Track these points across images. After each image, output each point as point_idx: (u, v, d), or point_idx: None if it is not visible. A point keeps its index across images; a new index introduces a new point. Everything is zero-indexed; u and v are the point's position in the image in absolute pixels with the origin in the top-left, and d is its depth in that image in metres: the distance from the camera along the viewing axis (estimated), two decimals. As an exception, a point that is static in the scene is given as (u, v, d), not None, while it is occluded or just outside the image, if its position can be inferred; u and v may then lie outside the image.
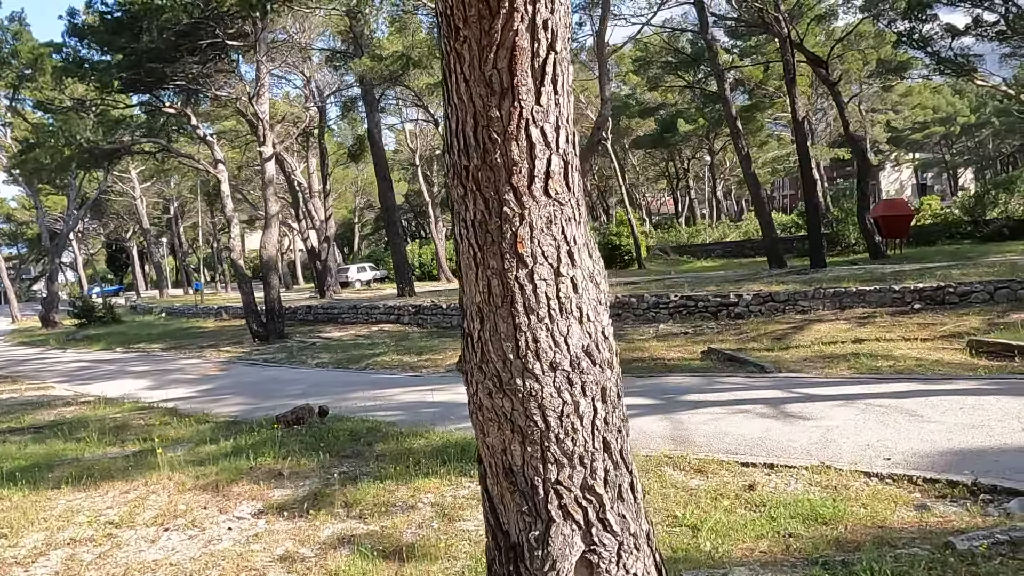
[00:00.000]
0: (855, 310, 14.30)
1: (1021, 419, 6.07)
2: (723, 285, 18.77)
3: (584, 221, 2.67)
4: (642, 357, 11.77)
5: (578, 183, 2.59)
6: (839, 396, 7.55)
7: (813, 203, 21.44)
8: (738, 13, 25.13)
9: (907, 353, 9.73)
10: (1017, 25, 24.18)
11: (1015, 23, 25.40)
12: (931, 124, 67.06)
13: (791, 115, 21.93)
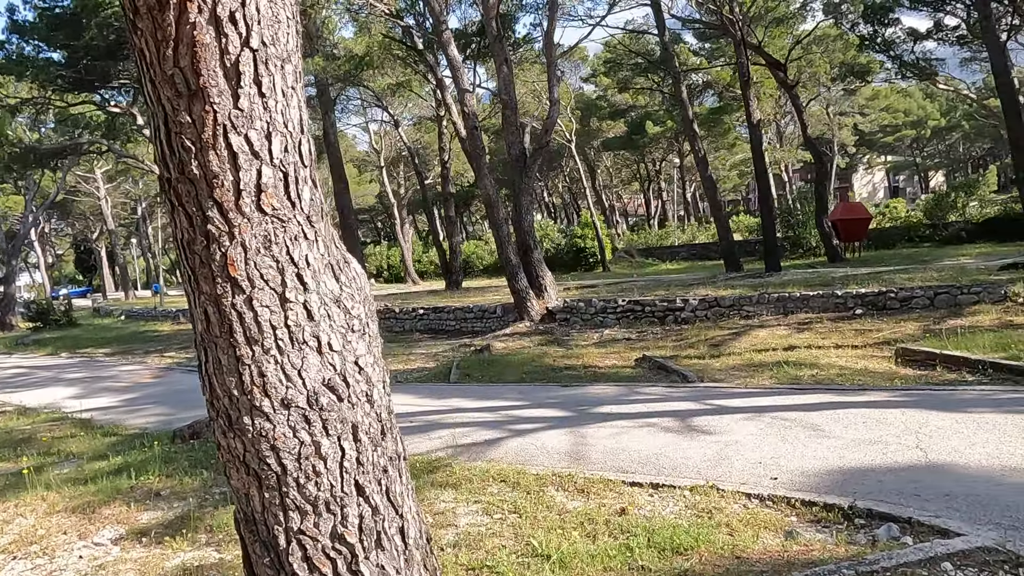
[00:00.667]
0: (798, 315, 14.16)
1: (919, 434, 5.88)
2: (675, 289, 18.62)
3: (325, 240, 2.37)
4: (575, 365, 11.52)
5: (309, 198, 2.29)
6: (750, 408, 7.34)
7: (767, 207, 21.37)
8: (698, 15, 25.03)
9: (834, 361, 9.57)
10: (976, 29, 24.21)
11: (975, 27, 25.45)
12: (903, 127, 67.78)
13: (746, 118, 21.83)
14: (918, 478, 4.97)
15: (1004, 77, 19.82)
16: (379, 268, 47.51)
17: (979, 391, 7.13)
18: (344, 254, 2.50)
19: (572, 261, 35.58)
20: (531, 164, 17.16)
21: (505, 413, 8.28)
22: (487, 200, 16.76)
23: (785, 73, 24.68)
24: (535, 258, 17.45)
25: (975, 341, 9.63)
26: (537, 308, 17.06)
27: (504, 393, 9.59)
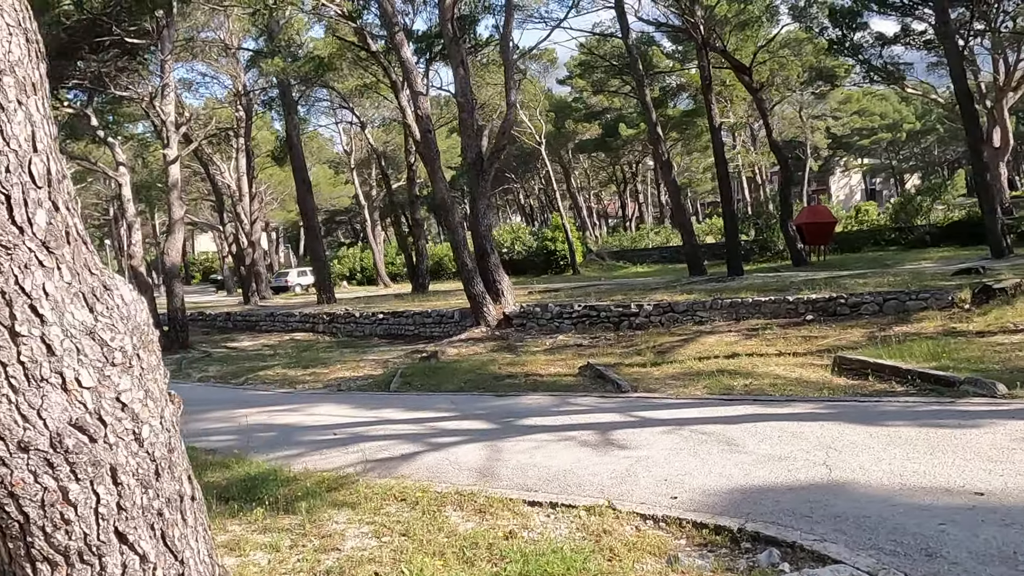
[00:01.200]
0: (750, 321, 14.09)
1: (830, 450, 5.75)
2: (636, 293, 18.50)
3: (72, 267, 2.15)
4: (518, 373, 11.34)
5: (46, 222, 2.09)
6: (673, 421, 7.19)
7: (730, 211, 21.34)
8: (663, 18, 25.01)
9: (772, 370, 9.46)
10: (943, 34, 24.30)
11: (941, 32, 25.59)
12: (879, 130, 68.39)
13: (708, 122, 21.78)
14: (816, 497, 4.83)
15: (962, 83, 19.92)
16: (352, 270, 47.14)
17: (902, 403, 7.03)
18: (106, 280, 2.30)
19: (543, 264, 35.46)
20: (488, 168, 16.98)
21: (431, 425, 8.09)
22: (442, 204, 16.57)
23: (750, 77, 24.67)
24: (492, 263, 17.26)
25: (912, 349, 9.57)
26: (494, 313, 16.89)
27: (437, 403, 9.39)
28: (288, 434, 8.42)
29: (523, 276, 35.35)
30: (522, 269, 36.81)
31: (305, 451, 7.58)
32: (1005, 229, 19.97)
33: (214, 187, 31.01)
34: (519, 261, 36.92)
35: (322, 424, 8.73)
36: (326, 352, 17.41)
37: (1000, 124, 35.59)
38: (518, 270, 36.97)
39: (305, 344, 19.92)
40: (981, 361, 8.54)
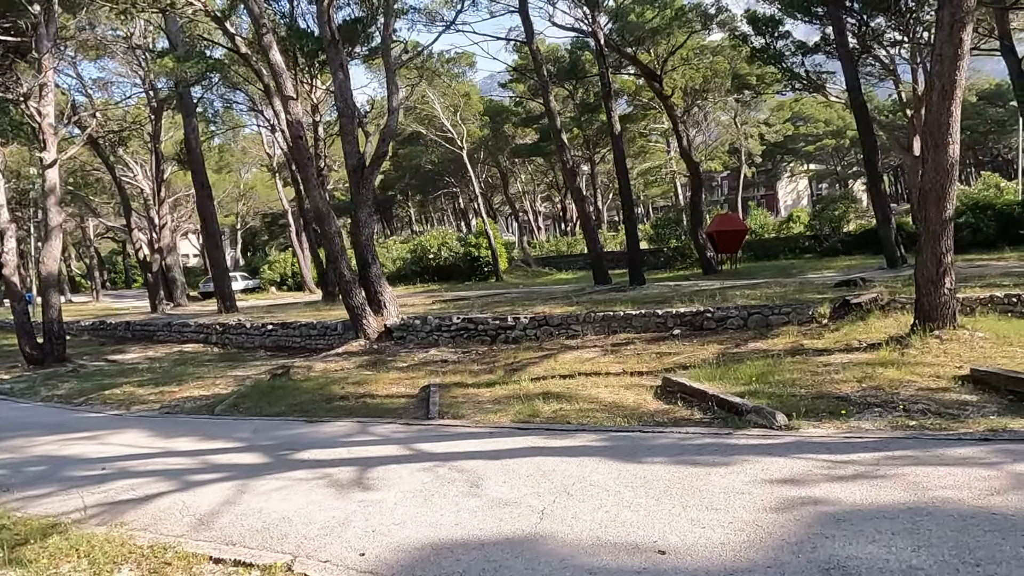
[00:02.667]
0: (620, 335, 13.77)
1: (561, 494, 5.31)
2: (540, 302, 18.10)
3: None
4: (354, 395, 10.78)
5: None
6: (443, 455, 6.71)
7: (631, 220, 21.06)
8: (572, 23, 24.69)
9: (596, 393, 9.05)
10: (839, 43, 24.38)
11: (864, 40, 25.75)
12: (823, 136, 69.47)
13: (608, 129, 21.50)
14: (498, 556, 4.38)
15: (856, 93, 19.96)
16: (283, 276, 46.10)
17: (679, 436, 6.65)
18: None
19: (468, 270, 34.98)
20: (369, 175, 16.41)
21: (204, 459, 7.50)
22: (317, 213, 15.94)
23: (660, 84, 24.53)
24: (374, 273, 16.70)
25: (741, 371, 9.26)
26: (374, 326, 16.32)
27: (238, 432, 8.79)
28: (59, 468, 7.74)
29: (447, 282, 34.87)
30: (448, 275, 36.33)
31: (56, 490, 6.92)
32: (899, 239, 20.04)
33: (120, 190, 29.83)
34: (446, 267, 36.40)
35: (104, 456, 8.07)
36: (201, 366, 16.64)
37: (920, 133, 36.16)
38: (444, 276, 36.49)
39: (189, 356, 19.10)
40: (793, 384, 8.24)
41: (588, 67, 39.91)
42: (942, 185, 9.33)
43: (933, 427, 6.19)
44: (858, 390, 7.75)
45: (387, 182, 57.21)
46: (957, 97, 9.01)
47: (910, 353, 9.30)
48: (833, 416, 6.77)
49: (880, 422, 6.50)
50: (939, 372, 8.23)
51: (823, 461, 5.47)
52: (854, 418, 6.70)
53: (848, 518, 4.35)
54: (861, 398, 7.41)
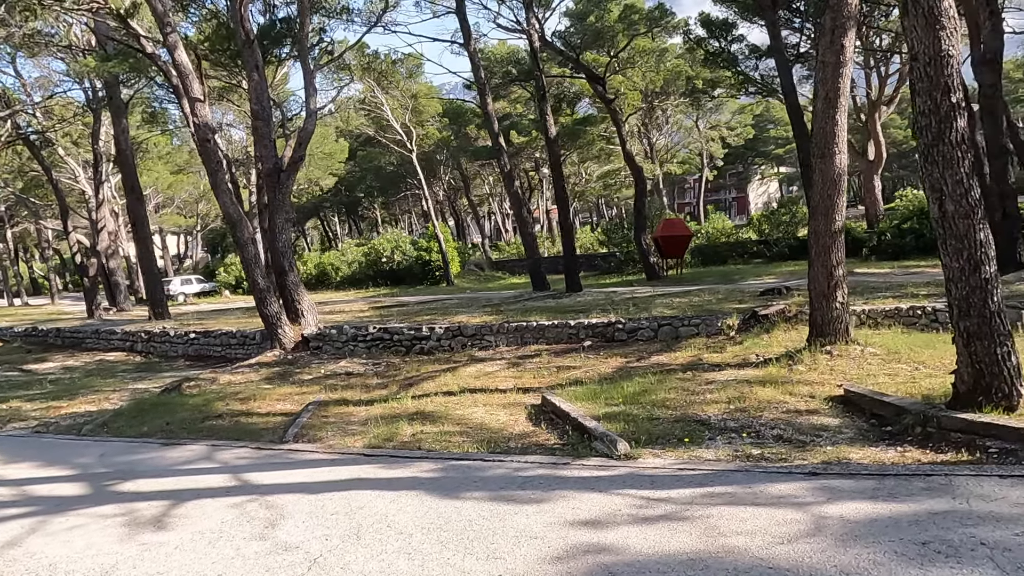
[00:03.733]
0: (532, 346, 13.40)
1: (332, 539, 4.88)
2: (476, 308, 17.69)
3: None
4: (234, 412, 10.27)
5: None
6: (267, 487, 6.26)
7: (566, 227, 20.71)
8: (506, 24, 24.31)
9: (473, 413, 8.63)
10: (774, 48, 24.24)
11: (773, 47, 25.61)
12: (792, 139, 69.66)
13: (544, 134, 21.14)
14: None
15: (792, 97, 19.76)
16: (238, 279, 45.23)
17: (517, 464, 6.24)
18: None
19: (421, 274, 34.49)
20: (285, 180, 15.89)
21: (20, 490, 6.96)
22: (228, 219, 15.38)
23: (603, 87, 24.24)
24: (291, 281, 16.17)
25: (623, 389, 8.90)
26: (290, 336, 15.79)
27: (82, 456, 8.25)
28: None
29: (399, 287, 34.36)
30: (401, 279, 35.83)
31: None
32: (835, 246, 19.80)
33: (56, 192, 28.96)
34: (399, 271, 35.90)
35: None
36: (109, 378, 16.03)
37: (874, 138, 36.25)
38: (398, 280, 35.98)
39: (108, 366, 18.45)
40: (663, 405, 7.87)
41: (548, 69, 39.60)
42: (830, 196, 9.03)
43: (773, 457, 5.84)
44: (724, 412, 7.40)
45: (350, 182, 56.52)
46: (842, 105, 8.71)
47: (798, 369, 9.00)
48: (680, 443, 6.40)
49: (725, 451, 6.14)
50: (816, 391, 7.91)
51: (639, 499, 5.10)
52: (701, 446, 6.34)
53: (622, 571, 3.97)
54: (722, 421, 7.06)
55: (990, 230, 5.82)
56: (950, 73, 5.53)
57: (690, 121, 48.85)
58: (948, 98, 5.56)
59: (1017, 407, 5.82)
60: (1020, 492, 4.54)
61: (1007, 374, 5.78)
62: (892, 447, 5.94)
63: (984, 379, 5.84)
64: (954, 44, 5.55)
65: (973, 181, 5.72)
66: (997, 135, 14.44)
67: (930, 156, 5.77)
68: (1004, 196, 14.41)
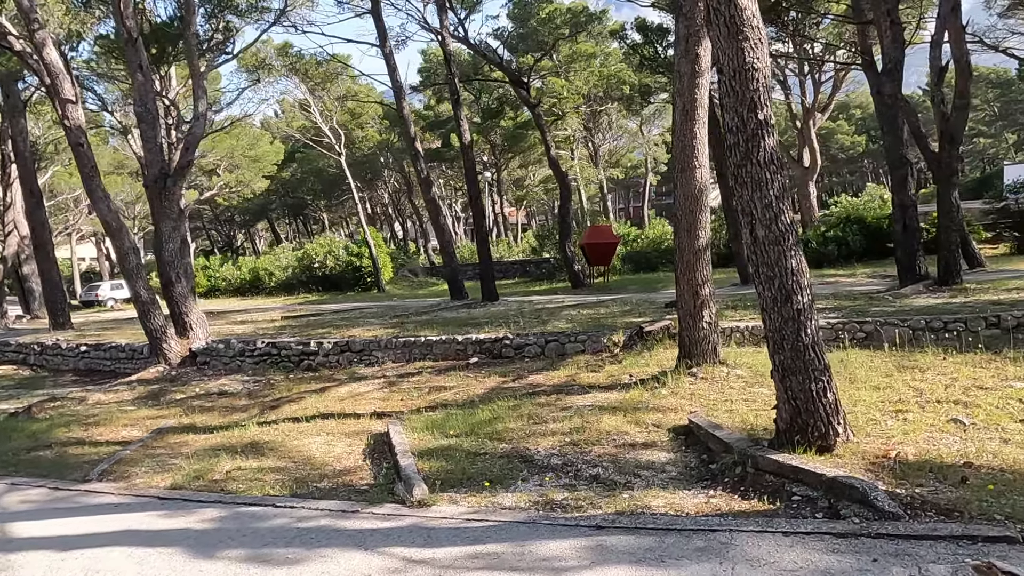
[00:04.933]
0: (419, 363, 12.82)
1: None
2: (391, 319, 17.03)
3: None
4: (64, 441, 9.49)
5: None
6: (25, 541, 5.58)
7: (481, 235, 20.19)
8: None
9: (307, 444, 8.00)
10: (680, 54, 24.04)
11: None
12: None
13: (458, 139, 20.61)
14: None
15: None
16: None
17: (307, 511, 5.63)
18: None
19: (353, 280, 33.69)
20: (171, 187, 15.07)
21: None
22: (107, 227, 14.53)
23: (528, 91, 23.81)
24: (178, 292, 15.35)
25: (474, 416, 8.38)
26: (177, 350, 14.98)
27: None
28: None
29: (331, 293, 33.54)
30: (335, 285, 34.99)
31: None
32: (751, 255, 19.62)
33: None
34: (332, 276, 35.05)
35: None
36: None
37: (808, 144, 36.46)
38: (331, 286, 35.13)
39: (-11, 382, 17.37)
40: (499, 437, 7.35)
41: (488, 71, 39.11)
42: (692, 212, 8.63)
43: (572, 504, 5.35)
44: (557, 446, 6.91)
45: (293, 185, 55.36)
46: (700, 117, 8.32)
47: (660, 393, 8.57)
48: (485, 486, 5.88)
49: (528, 495, 5.63)
50: (665, 420, 7.48)
51: (399, 560, 4.55)
52: (509, 489, 5.83)
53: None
54: (547, 458, 6.56)
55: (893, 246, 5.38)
56: (756, 88, 5.12)
57: (635, 125, 48.77)
58: (755, 115, 5.14)
59: (834, 447, 5.43)
60: (796, 555, 4.11)
61: (823, 412, 5.38)
62: (706, 490, 5.49)
63: (800, 416, 5.43)
64: (760, 56, 5.13)
65: (784, 204, 5.31)
66: (897, 145, 14.29)
67: (739, 177, 5.36)
68: (905, 208, 14.25)
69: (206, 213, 67.46)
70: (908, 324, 10.33)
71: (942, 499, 4.58)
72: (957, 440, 5.75)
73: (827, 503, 4.75)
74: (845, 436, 5.52)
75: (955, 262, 13.67)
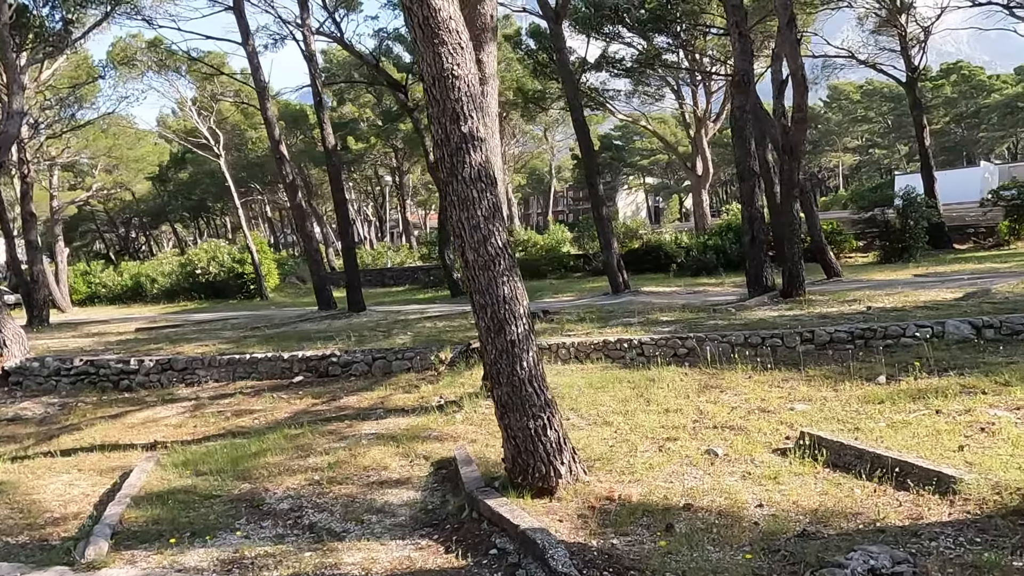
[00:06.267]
0: (240, 383, 11.99)
1: None
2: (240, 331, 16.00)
3: None
4: None
5: None
6: None
7: (346, 243, 19.43)
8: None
9: (43, 485, 7.11)
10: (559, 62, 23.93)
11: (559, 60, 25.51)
12: (658, 151, 71.45)
13: (322, 142, 19.79)
14: None
15: (576, 112, 19.35)
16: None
17: (-51, 581, 4.88)
18: None
19: (236, 287, 32.21)
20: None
21: None
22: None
23: (406, 95, 23.19)
24: (-12, 306, 14.01)
25: (240, 449, 7.67)
26: (-13, 369, 13.63)
27: None
28: None
29: (215, 300, 32.00)
30: (219, 291, 33.39)
31: None
32: (621, 265, 19.55)
33: None
34: (216, 283, 33.42)
35: None
36: None
37: (701, 153, 37.07)
38: (215, 293, 33.54)
39: None
40: (247, 476, 6.68)
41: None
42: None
43: (261, 563, 4.73)
44: (302, 484, 6.30)
45: (188, 186, 53.00)
46: (487, 125, 7.85)
47: (455, 419, 8.07)
48: (171, 542, 5.19)
49: (220, 552, 4.98)
50: (440, 450, 6.97)
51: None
52: (205, 543, 5.17)
53: None
54: (281, 500, 5.94)
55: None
56: (458, 97, 4.65)
57: (539, 131, 48.73)
58: (459, 127, 4.67)
59: (555, 489, 5.00)
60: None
61: (543, 451, 4.95)
62: (421, 540, 4.96)
63: (521, 456, 4.99)
64: (460, 62, 4.66)
65: (496, 225, 4.86)
66: (745, 157, 14.30)
67: (447, 195, 4.88)
68: (752, 220, 14.28)
69: (100, 215, 64.00)
70: (727, 340, 10.17)
71: (632, 553, 4.19)
72: (698, 475, 5.43)
73: (516, 559, 4.29)
74: (573, 476, 5.11)
75: (798, 274, 13.75)
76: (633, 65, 33.51)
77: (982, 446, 5.35)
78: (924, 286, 14.57)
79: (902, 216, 22.48)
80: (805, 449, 5.68)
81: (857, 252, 26.26)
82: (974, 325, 9.47)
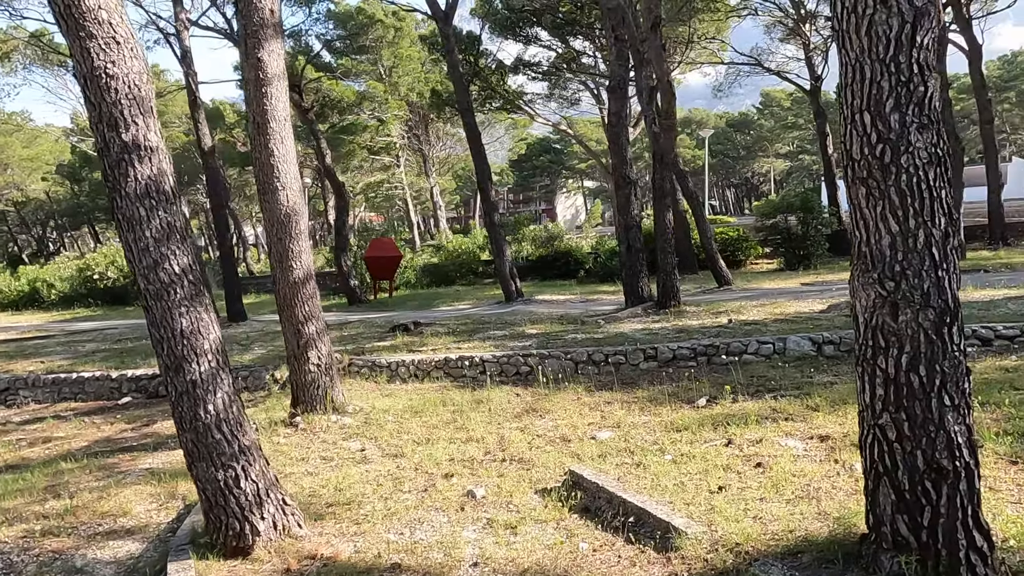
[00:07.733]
0: (62, 405, 11.04)
1: None
2: (61, 348, 14.90)
3: None
4: None
5: None
6: None
7: (224, 250, 18.51)
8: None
9: None
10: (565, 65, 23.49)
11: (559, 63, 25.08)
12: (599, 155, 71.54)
13: (197, 145, 18.83)
14: None
15: (468, 116, 18.84)
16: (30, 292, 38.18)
17: None
18: None
19: (135, 293, 30.74)
20: None
21: None
22: None
23: (301, 96, 22.34)
24: None
25: None
26: None
27: None
28: None
29: (113, 307, 30.52)
30: (120, 298, 31.92)
31: None
32: (514, 273, 19.09)
33: None
34: (115, 289, 31.91)
35: None
36: None
37: (621, 158, 36.98)
38: (115, 299, 32.08)
39: None
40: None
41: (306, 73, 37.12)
42: (281, 241, 7.51)
43: None
44: (13, 537, 5.53)
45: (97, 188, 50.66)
46: (275, 131, 7.21)
47: (247, 450, 7.36)
48: None
49: None
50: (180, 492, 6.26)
51: None
52: None
53: None
54: (-28, 560, 5.17)
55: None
56: (116, 100, 4.01)
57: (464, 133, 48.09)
58: (118, 134, 4.03)
59: (251, 549, 4.38)
60: None
61: (236, 506, 4.33)
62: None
63: (213, 511, 4.36)
64: (116, 60, 4.02)
65: (175, 248, 4.23)
66: (621, 164, 13.96)
67: (113, 212, 4.21)
68: (628, 228, 13.95)
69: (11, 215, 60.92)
70: (571, 357, 9.72)
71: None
72: (437, 525, 4.88)
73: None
74: (281, 531, 4.50)
75: (672, 284, 13.44)
76: (549, 68, 33.23)
77: (744, 486, 4.93)
78: (803, 296, 14.42)
79: (802, 223, 22.60)
80: (570, 489, 5.20)
81: (763, 259, 26.38)
82: (814, 341, 9.22)
